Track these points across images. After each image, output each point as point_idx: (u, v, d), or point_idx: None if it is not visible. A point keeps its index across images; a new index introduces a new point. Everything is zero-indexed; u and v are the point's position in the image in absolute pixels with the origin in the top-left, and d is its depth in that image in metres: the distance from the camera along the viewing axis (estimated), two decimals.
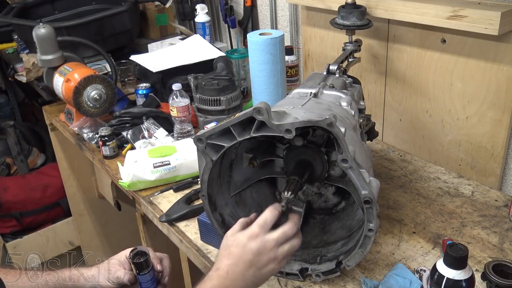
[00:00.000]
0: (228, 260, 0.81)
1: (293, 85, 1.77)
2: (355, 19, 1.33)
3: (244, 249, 0.81)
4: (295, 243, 0.84)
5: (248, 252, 0.80)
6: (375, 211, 0.85)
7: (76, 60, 1.77)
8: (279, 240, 0.82)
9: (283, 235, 0.82)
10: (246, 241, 0.81)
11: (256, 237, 0.81)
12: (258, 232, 0.82)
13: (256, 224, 0.83)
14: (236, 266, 0.80)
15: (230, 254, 0.81)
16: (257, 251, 0.81)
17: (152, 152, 1.37)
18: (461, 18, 1.17)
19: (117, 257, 1.01)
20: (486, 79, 1.23)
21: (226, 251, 0.82)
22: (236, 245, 0.82)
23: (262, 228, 0.82)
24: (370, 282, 0.96)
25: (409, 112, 1.47)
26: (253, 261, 0.80)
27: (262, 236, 0.81)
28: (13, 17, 2.02)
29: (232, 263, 0.80)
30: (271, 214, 0.84)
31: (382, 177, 1.32)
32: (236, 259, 0.80)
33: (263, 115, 0.81)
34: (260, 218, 0.83)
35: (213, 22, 2.33)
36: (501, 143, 1.25)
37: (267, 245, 0.81)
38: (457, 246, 0.81)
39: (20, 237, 2.52)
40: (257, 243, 0.81)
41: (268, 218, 0.83)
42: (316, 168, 0.99)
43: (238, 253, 0.81)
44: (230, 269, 0.80)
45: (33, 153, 2.80)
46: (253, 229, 0.82)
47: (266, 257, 0.81)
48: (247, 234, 0.82)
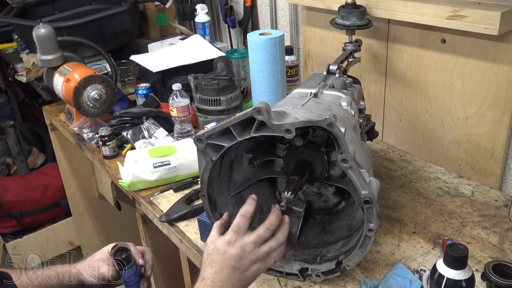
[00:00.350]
0: (212, 268, 0.82)
1: (293, 85, 1.77)
2: (355, 19, 1.33)
3: (224, 255, 0.83)
4: (273, 243, 0.86)
5: (229, 258, 0.82)
6: (375, 211, 0.85)
7: (76, 60, 1.77)
8: (256, 242, 0.84)
9: (258, 237, 0.84)
10: (225, 247, 0.83)
11: (234, 242, 0.83)
12: (235, 237, 0.84)
13: (231, 230, 0.85)
14: (221, 273, 0.82)
15: (213, 262, 0.83)
16: (238, 255, 0.83)
17: (152, 152, 1.37)
18: (461, 18, 1.17)
19: (100, 253, 1.02)
20: (486, 79, 1.23)
21: (208, 259, 0.84)
22: (217, 252, 0.84)
23: (237, 233, 0.84)
24: (370, 282, 0.96)
25: (409, 112, 1.47)
26: (235, 266, 0.82)
27: (239, 240, 0.84)
28: (13, 17, 2.02)
29: (217, 271, 0.82)
30: (243, 218, 0.86)
31: (382, 177, 1.32)
32: (219, 266, 0.82)
33: (263, 115, 0.81)
34: (234, 224, 0.86)
35: (213, 22, 2.33)
36: (501, 143, 1.25)
37: (246, 248, 0.83)
38: (457, 246, 0.81)
39: (20, 237, 2.52)
40: (236, 248, 0.83)
41: (241, 222, 0.85)
42: (316, 168, 0.99)
43: (220, 260, 0.83)
44: (216, 277, 0.81)
45: (33, 153, 2.80)
46: (230, 236, 0.84)
47: (248, 260, 0.83)
48: (225, 241, 0.84)
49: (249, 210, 0.87)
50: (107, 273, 0.98)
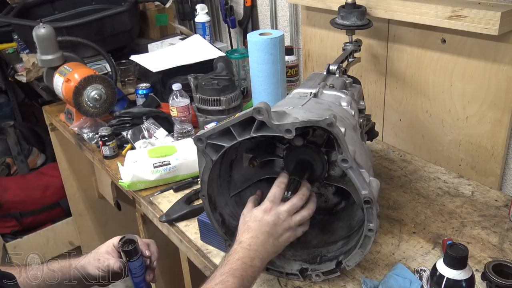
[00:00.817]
0: (249, 234, 0.89)
1: (293, 85, 1.77)
2: (355, 19, 1.33)
3: (261, 222, 0.89)
4: (305, 213, 0.93)
5: (265, 225, 0.89)
6: (375, 211, 0.85)
7: (76, 60, 1.77)
8: (290, 211, 0.91)
9: (292, 206, 0.91)
10: (262, 215, 0.90)
11: (270, 210, 0.90)
12: (271, 206, 0.91)
13: (268, 200, 0.92)
14: (257, 238, 0.88)
15: (249, 228, 0.89)
16: (273, 222, 0.89)
17: (152, 152, 1.37)
18: (461, 18, 1.17)
19: (105, 246, 1.03)
20: (486, 79, 1.23)
21: (245, 226, 0.90)
22: (253, 219, 0.90)
23: (273, 202, 0.91)
24: (370, 282, 0.96)
25: (409, 112, 1.47)
26: (270, 232, 0.89)
27: (275, 209, 0.90)
28: (13, 17, 2.02)
29: (253, 236, 0.88)
30: (279, 188, 0.93)
31: (382, 177, 1.32)
32: (255, 232, 0.88)
33: (263, 115, 0.81)
34: (270, 194, 0.92)
35: (213, 22, 2.33)
36: (501, 143, 1.25)
37: (281, 216, 0.90)
38: (457, 246, 0.81)
39: (20, 237, 2.51)
40: (271, 216, 0.90)
41: (276, 192, 0.92)
42: (316, 168, 0.99)
43: (256, 227, 0.89)
44: (252, 241, 0.87)
45: (33, 153, 2.80)
46: (266, 204, 0.91)
47: (281, 227, 0.90)
48: (261, 209, 0.91)
49: (283, 181, 0.94)
50: (113, 265, 1.00)
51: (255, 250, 0.86)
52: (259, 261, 0.86)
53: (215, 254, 1.10)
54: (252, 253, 0.86)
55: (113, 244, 1.02)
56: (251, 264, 0.85)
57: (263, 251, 0.88)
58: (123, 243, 0.99)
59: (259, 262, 0.86)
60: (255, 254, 0.86)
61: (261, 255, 0.87)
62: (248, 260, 0.85)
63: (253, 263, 0.85)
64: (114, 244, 1.02)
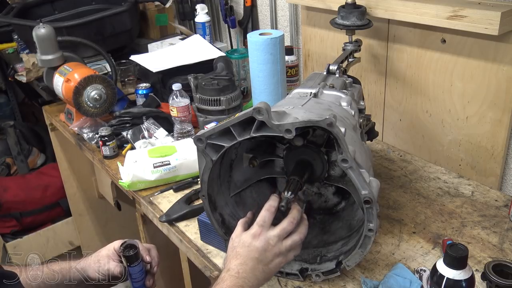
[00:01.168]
0: (237, 260, 0.86)
1: (293, 85, 1.77)
2: (355, 19, 1.33)
3: (249, 248, 0.86)
4: (297, 237, 0.89)
5: (253, 251, 0.86)
6: (375, 211, 0.85)
7: (76, 60, 1.77)
8: (280, 235, 0.87)
9: (282, 231, 0.88)
10: (250, 240, 0.87)
11: (259, 235, 0.87)
12: (260, 231, 0.87)
13: (257, 224, 0.88)
14: (246, 265, 0.85)
15: (238, 254, 0.86)
16: (262, 248, 0.86)
17: (152, 152, 1.37)
18: (461, 18, 1.17)
19: (106, 249, 1.03)
20: (486, 79, 1.23)
21: (233, 252, 0.87)
22: (242, 245, 0.87)
23: (262, 227, 0.88)
24: (370, 282, 0.96)
25: (409, 112, 1.47)
26: (259, 258, 0.86)
27: (264, 234, 0.87)
28: (13, 17, 2.02)
29: (241, 263, 0.85)
30: (269, 212, 0.89)
31: (382, 177, 1.32)
32: (244, 259, 0.86)
33: (263, 115, 0.81)
34: (259, 218, 0.89)
35: (213, 22, 2.33)
36: (501, 143, 1.25)
37: (270, 242, 0.87)
38: (457, 246, 0.81)
39: (20, 237, 2.51)
40: (260, 241, 0.86)
41: (266, 216, 0.88)
42: (316, 168, 0.99)
43: (245, 253, 0.86)
44: (240, 269, 0.84)
45: (33, 153, 2.80)
46: (255, 229, 0.88)
47: (271, 253, 0.87)
48: (250, 234, 0.87)
49: (273, 204, 0.90)
50: (113, 269, 1.00)
51: (243, 278, 0.83)
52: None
53: (215, 254, 1.10)
54: (241, 281, 0.83)
55: (114, 248, 1.02)
56: None
57: (253, 278, 0.84)
58: (124, 248, 0.99)
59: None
60: (243, 282, 0.83)
61: (250, 283, 0.84)
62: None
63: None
64: (115, 248, 1.02)
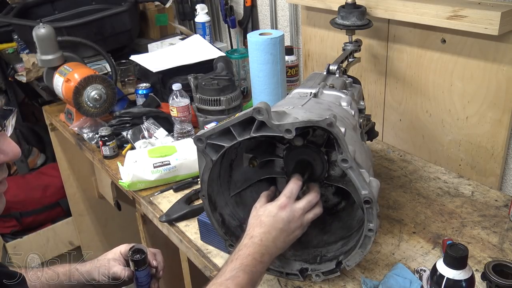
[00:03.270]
0: (261, 229, 0.87)
1: (293, 85, 1.77)
2: (355, 19, 1.33)
3: (275, 218, 0.88)
4: (318, 211, 0.93)
5: (279, 221, 0.88)
6: (375, 211, 0.85)
7: (76, 60, 1.77)
8: (305, 208, 0.90)
9: (308, 203, 0.91)
10: (277, 211, 0.89)
11: (285, 206, 0.89)
12: (287, 202, 0.89)
13: (284, 195, 0.90)
14: (269, 234, 0.87)
15: (262, 223, 0.88)
16: (287, 219, 0.88)
17: (152, 152, 1.37)
18: (461, 18, 1.17)
19: (112, 253, 1.04)
20: (486, 79, 1.23)
21: (257, 220, 0.89)
22: (267, 215, 0.89)
23: (289, 198, 0.90)
24: (370, 282, 0.96)
25: (409, 112, 1.47)
26: (283, 228, 0.88)
27: (290, 205, 0.89)
28: (13, 17, 2.02)
29: (265, 231, 0.87)
30: (296, 185, 0.91)
31: (382, 177, 1.32)
32: (268, 227, 0.87)
33: (263, 115, 0.81)
34: (287, 190, 0.91)
35: (213, 22, 2.33)
36: (501, 143, 1.25)
37: (295, 214, 0.89)
38: (457, 246, 0.81)
39: (20, 237, 2.51)
40: (286, 212, 0.88)
41: (293, 189, 0.91)
42: (316, 168, 0.99)
43: (270, 222, 0.88)
44: (264, 237, 0.86)
45: (33, 153, 2.80)
46: (282, 200, 0.90)
47: (295, 224, 0.89)
48: (276, 205, 0.89)
49: (300, 178, 0.93)
50: (120, 272, 1.00)
51: (266, 246, 0.85)
52: (268, 257, 0.86)
53: (215, 254, 1.10)
54: (263, 249, 0.85)
55: (120, 252, 1.03)
56: (261, 260, 0.84)
57: (273, 247, 0.87)
58: (132, 252, 0.99)
59: (268, 258, 0.86)
60: (265, 250, 0.85)
61: (271, 251, 0.86)
62: (258, 256, 0.84)
63: (263, 259, 0.85)
64: (121, 252, 1.02)
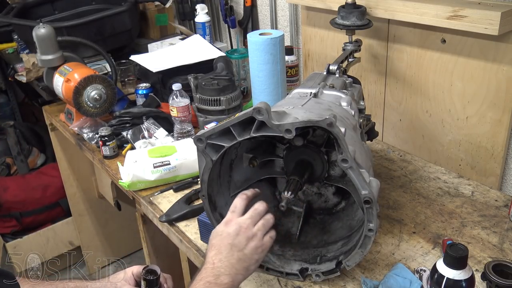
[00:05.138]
0: (212, 252, 0.86)
1: (293, 85, 1.77)
2: (355, 19, 1.33)
3: (222, 235, 0.87)
4: (269, 217, 0.91)
5: (226, 237, 0.86)
6: (375, 211, 0.85)
7: (76, 60, 1.77)
8: (252, 217, 0.88)
9: (254, 211, 0.89)
10: (223, 228, 0.88)
11: (230, 221, 0.88)
12: (231, 217, 0.89)
13: (229, 212, 0.90)
14: (220, 254, 0.85)
15: (212, 246, 0.87)
16: (234, 232, 0.87)
17: (152, 152, 1.37)
18: (461, 18, 1.17)
19: (123, 273, 1.03)
20: (486, 79, 1.23)
21: (209, 245, 0.88)
22: (215, 235, 0.88)
23: (233, 213, 0.90)
24: (370, 282, 0.96)
25: (409, 112, 1.47)
26: (233, 243, 0.86)
27: (235, 219, 0.89)
28: (13, 17, 2.02)
29: (216, 253, 0.85)
30: (240, 199, 0.91)
31: (382, 177, 1.32)
32: (217, 248, 0.86)
33: (263, 115, 0.81)
34: (231, 206, 0.91)
35: (213, 22, 2.33)
36: (501, 143, 1.25)
37: (242, 225, 0.87)
38: (457, 246, 0.81)
39: (20, 237, 2.51)
40: (232, 226, 0.88)
41: (238, 203, 0.91)
42: (316, 168, 0.99)
43: (218, 242, 0.87)
44: (215, 259, 0.85)
45: (33, 153, 2.80)
46: (227, 216, 0.90)
47: (244, 236, 0.87)
48: (223, 223, 0.90)
49: (246, 192, 0.92)
50: None
51: (219, 267, 0.83)
52: (226, 277, 0.82)
53: None
54: (216, 271, 0.83)
55: (132, 273, 1.02)
56: (216, 282, 0.81)
57: (229, 266, 0.84)
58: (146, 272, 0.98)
59: (226, 278, 0.82)
60: (219, 272, 0.83)
61: (227, 271, 0.83)
62: (212, 279, 0.82)
63: (219, 281, 0.82)
64: (134, 272, 1.02)
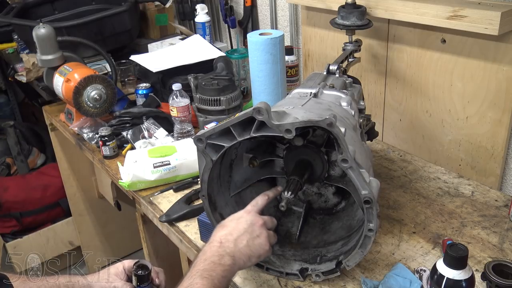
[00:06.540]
0: (221, 231, 0.88)
1: (293, 85, 1.77)
2: (355, 19, 1.33)
3: (239, 220, 0.90)
4: (272, 234, 0.93)
5: (243, 222, 0.89)
6: (375, 211, 0.85)
7: (76, 60, 1.77)
8: (266, 221, 0.92)
9: (269, 219, 0.93)
10: (241, 214, 0.91)
11: (250, 212, 0.92)
12: (251, 209, 0.92)
13: (250, 204, 0.94)
14: (230, 235, 0.87)
15: (224, 226, 0.89)
16: (251, 221, 0.89)
17: (152, 152, 1.37)
18: (461, 18, 1.17)
19: (114, 267, 1.03)
20: (486, 79, 1.23)
21: (220, 226, 0.90)
22: (231, 219, 0.91)
23: (254, 206, 0.93)
24: (370, 282, 0.96)
25: (409, 112, 1.47)
26: (247, 229, 0.88)
27: (254, 212, 0.92)
28: (13, 17, 2.02)
29: (226, 233, 0.87)
30: (262, 199, 0.95)
31: (382, 177, 1.32)
32: (230, 229, 0.88)
33: (263, 115, 0.81)
34: (253, 201, 0.94)
35: (213, 22, 2.33)
36: (501, 143, 1.25)
37: (259, 220, 0.90)
38: (457, 246, 0.81)
39: (20, 237, 2.51)
40: (251, 216, 0.90)
41: (259, 201, 0.94)
42: (316, 168, 0.99)
43: (233, 224, 0.89)
44: (224, 238, 0.86)
45: (33, 153, 2.80)
46: (247, 207, 0.93)
47: (258, 229, 0.89)
48: (242, 210, 0.92)
49: (268, 193, 0.97)
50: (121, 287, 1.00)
51: (226, 247, 0.84)
52: (229, 259, 0.83)
53: None
54: (222, 250, 0.83)
55: (123, 267, 1.02)
56: (219, 262, 0.81)
57: (234, 248, 0.84)
58: (137, 267, 0.99)
59: (229, 260, 0.83)
60: (225, 251, 0.83)
61: (232, 253, 0.84)
62: (216, 259, 0.82)
63: (222, 261, 0.82)
64: (125, 267, 1.02)
